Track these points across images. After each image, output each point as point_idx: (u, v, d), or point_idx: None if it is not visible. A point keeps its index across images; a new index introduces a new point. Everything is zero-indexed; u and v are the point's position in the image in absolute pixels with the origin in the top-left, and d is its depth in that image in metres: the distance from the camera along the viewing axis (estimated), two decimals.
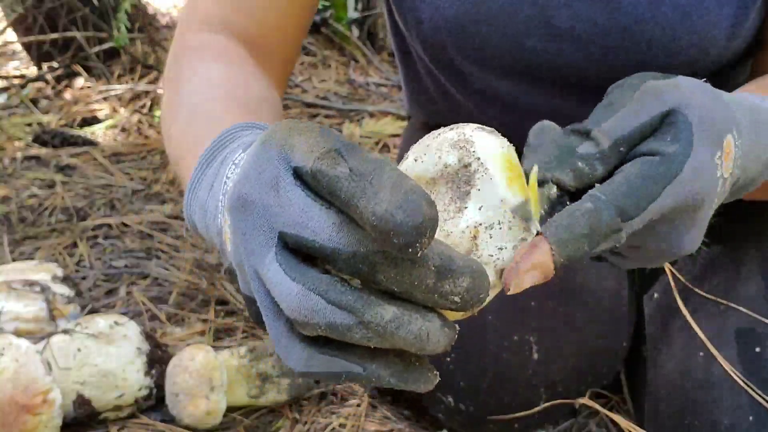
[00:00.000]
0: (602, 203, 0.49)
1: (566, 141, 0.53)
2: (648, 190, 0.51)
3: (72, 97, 2.12)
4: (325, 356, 0.44)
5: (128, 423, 1.07)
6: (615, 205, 0.50)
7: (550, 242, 0.48)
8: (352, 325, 0.41)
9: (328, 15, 2.40)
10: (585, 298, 1.02)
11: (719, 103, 0.56)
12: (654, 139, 0.53)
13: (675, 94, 0.54)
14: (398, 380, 0.44)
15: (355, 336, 0.42)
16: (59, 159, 1.79)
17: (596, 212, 0.49)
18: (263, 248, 0.44)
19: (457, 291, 0.42)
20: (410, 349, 0.42)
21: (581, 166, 0.52)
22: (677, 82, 0.55)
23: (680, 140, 0.52)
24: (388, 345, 0.42)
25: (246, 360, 1.07)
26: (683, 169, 0.51)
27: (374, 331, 0.41)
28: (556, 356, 1.00)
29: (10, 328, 1.09)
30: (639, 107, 0.53)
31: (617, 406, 1.10)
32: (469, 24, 0.88)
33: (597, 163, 0.52)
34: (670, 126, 0.53)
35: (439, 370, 0.45)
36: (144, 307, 1.28)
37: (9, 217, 1.55)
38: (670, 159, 0.51)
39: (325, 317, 0.42)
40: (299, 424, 1.08)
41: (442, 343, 0.43)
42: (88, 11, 2.18)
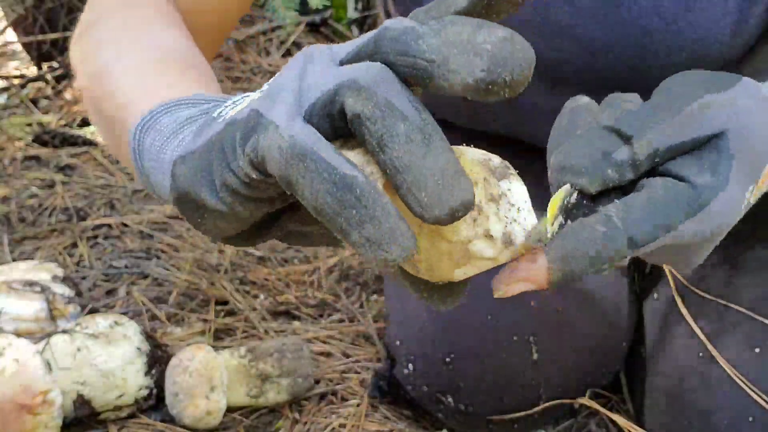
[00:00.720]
0: (616, 231, 0.46)
1: (604, 142, 0.49)
2: (668, 220, 0.47)
3: (72, 97, 2.12)
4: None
5: (128, 423, 1.07)
6: (628, 234, 0.47)
7: (550, 260, 0.46)
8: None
9: (328, 15, 2.40)
10: (585, 298, 1.02)
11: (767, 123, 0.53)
12: (691, 158, 0.49)
13: (729, 115, 0.50)
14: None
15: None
16: (59, 159, 1.79)
17: (607, 239, 0.46)
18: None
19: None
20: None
21: (611, 174, 0.49)
22: (734, 99, 0.51)
23: (717, 172, 0.49)
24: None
25: (246, 360, 1.07)
26: (710, 203, 0.48)
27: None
28: (556, 356, 1.00)
29: (10, 328, 1.09)
30: (689, 122, 0.49)
31: (617, 406, 1.10)
32: None
33: (628, 171, 0.49)
34: (712, 152, 0.49)
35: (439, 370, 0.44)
36: (144, 307, 1.28)
37: (9, 217, 1.55)
38: (700, 191, 0.48)
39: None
40: (299, 424, 1.08)
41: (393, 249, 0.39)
42: None
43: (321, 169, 0.38)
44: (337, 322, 1.29)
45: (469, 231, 0.43)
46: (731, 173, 0.49)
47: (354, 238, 0.38)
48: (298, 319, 1.29)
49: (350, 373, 1.17)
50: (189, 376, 1.02)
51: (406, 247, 0.38)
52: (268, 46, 2.34)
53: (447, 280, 0.46)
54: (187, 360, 1.04)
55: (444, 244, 0.44)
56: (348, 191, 0.38)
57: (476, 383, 0.99)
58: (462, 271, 0.45)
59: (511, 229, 0.44)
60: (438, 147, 0.39)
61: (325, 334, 1.24)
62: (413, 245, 0.38)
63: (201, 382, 1.02)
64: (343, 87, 0.39)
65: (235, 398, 1.07)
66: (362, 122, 0.39)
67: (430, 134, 0.39)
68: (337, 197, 0.38)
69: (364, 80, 0.39)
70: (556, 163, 0.50)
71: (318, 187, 0.38)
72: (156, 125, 0.54)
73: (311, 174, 0.38)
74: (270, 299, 1.31)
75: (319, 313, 1.30)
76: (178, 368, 1.04)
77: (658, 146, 0.49)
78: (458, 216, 0.39)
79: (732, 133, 0.50)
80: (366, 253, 0.38)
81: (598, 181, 0.49)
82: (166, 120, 0.53)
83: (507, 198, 0.45)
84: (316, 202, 0.38)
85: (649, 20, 0.84)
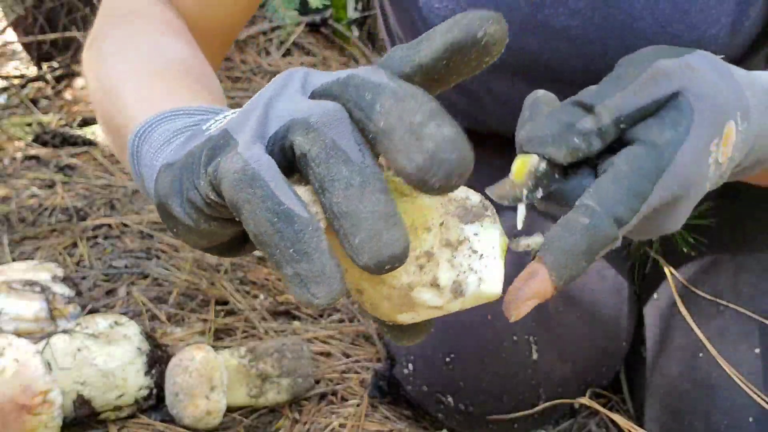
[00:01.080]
0: (599, 217, 0.48)
1: (567, 116, 0.51)
2: (640, 188, 0.49)
3: (72, 97, 2.12)
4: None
5: (128, 423, 1.07)
6: (611, 215, 0.48)
7: (549, 269, 0.46)
8: None
9: (328, 15, 2.40)
10: (585, 298, 1.02)
11: (729, 85, 0.54)
12: (654, 120, 0.51)
13: (684, 75, 0.52)
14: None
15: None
16: (59, 159, 1.78)
17: (594, 228, 0.47)
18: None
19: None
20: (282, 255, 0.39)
21: (577, 142, 0.50)
22: (689, 62, 0.53)
23: (677, 127, 0.50)
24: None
25: (246, 360, 1.07)
26: (674, 160, 0.50)
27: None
28: (556, 356, 1.00)
29: (10, 328, 1.09)
30: (646, 86, 0.51)
31: (617, 406, 1.10)
32: None
33: (595, 139, 0.50)
34: (672, 110, 0.51)
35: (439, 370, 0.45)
36: (144, 307, 1.28)
37: (9, 217, 1.55)
38: (661, 150, 0.50)
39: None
40: (299, 424, 1.08)
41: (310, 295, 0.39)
42: (88, 11, 2.18)
43: (266, 198, 0.39)
44: (337, 322, 1.29)
45: (412, 278, 0.43)
46: (692, 126, 0.51)
47: (286, 271, 0.39)
48: (298, 319, 1.29)
49: (350, 373, 1.17)
50: (189, 376, 1.02)
51: (333, 291, 0.38)
52: (268, 46, 2.34)
53: (393, 321, 0.45)
54: (187, 360, 1.04)
55: (384, 288, 0.43)
56: (288, 224, 0.39)
57: (476, 383, 0.99)
58: (408, 317, 0.44)
59: (464, 278, 0.43)
60: (375, 194, 0.39)
61: (325, 334, 1.24)
62: (340, 291, 0.39)
63: (201, 382, 1.02)
64: (296, 124, 0.40)
65: (235, 398, 1.07)
66: (308, 162, 0.39)
67: (369, 180, 0.39)
68: (277, 228, 0.38)
69: (315, 120, 0.40)
70: (523, 136, 0.51)
71: (260, 216, 0.39)
72: (153, 133, 0.55)
73: (256, 201, 0.39)
74: (270, 299, 1.31)
75: (319, 313, 1.30)
76: (178, 368, 1.04)
77: (620, 112, 0.50)
78: (387, 269, 0.39)
79: (689, 91, 0.51)
80: (294, 290, 0.39)
81: (565, 149, 0.50)
82: (161, 128, 0.55)
83: (469, 244, 0.44)
84: (257, 230, 0.39)
85: (644, 22, 0.84)
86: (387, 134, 0.39)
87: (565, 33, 0.86)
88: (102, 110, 0.70)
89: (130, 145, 0.57)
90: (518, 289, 0.47)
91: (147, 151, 0.54)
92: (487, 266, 0.44)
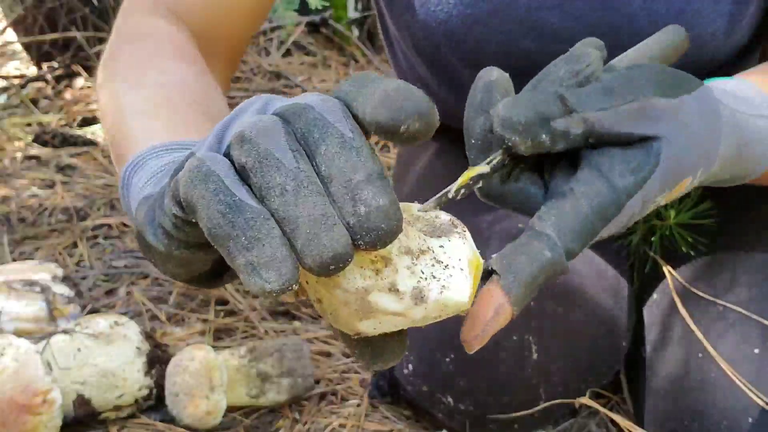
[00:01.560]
0: (558, 251, 0.49)
1: (546, 108, 0.50)
2: (595, 229, 0.50)
3: (72, 97, 2.12)
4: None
5: (128, 423, 1.07)
6: (567, 249, 0.49)
7: (512, 303, 0.48)
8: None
9: (328, 15, 2.40)
10: (584, 298, 1.02)
11: (708, 137, 0.55)
12: (619, 154, 0.51)
13: (669, 123, 0.52)
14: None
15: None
16: (59, 159, 1.79)
17: (553, 263, 0.49)
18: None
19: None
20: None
21: (544, 139, 0.50)
22: (677, 109, 0.53)
23: (639, 174, 0.51)
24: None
25: (246, 360, 1.07)
26: (623, 208, 0.51)
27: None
28: (555, 356, 1.00)
29: (10, 328, 1.09)
30: (630, 118, 0.51)
31: (617, 406, 1.10)
32: (462, 25, 0.88)
33: (560, 141, 0.50)
34: (640, 153, 0.51)
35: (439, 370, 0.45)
36: (144, 307, 1.28)
37: (9, 217, 1.55)
38: (619, 194, 0.50)
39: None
40: (299, 424, 1.08)
41: (264, 284, 0.39)
42: (88, 11, 2.18)
43: (218, 191, 0.39)
44: None
45: (367, 282, 0.42)
46: (651, 178, 0.51)
47: (239, 262, 0.39)
48: (298, 319, 1.29)
49: (350, 373, 1.17)
50: (189, 376, 1.03)
51: (285, 276, 0.38)
52: (268, 46, 2.34)
53: (357, 332, 0.44)
54: (187, 360, 1.04)
55: (339, 293, 0.43)
56: (239, 214, 0.39)
57: (476, 383, 0.99)
58: (370, 325, 0.44)
59: (425, 285, 0.43)
60: (310, 197, 0.39)
61: (325, 334, 1.24)
62: (293, 277, 0.39)
63: (201, 382, 1.02)
64: (234, 138, 0.41)
65: (235, 398, 1.07)
66: (247, 173, 0.40)
67: (303, 183, 0.39)
68: (229, 218, 0.39)
69: (249, 132, 0.40)
70: (501, 114, 0.50)
71: (213, 209, 0.39)
72: (144, 166, 0.57)
73: (209, 195, 0.39)
74: (270, 299, 1.32)
75: (316, 316, 1.31)
76: (178, 368, 1.04)
77: (593, 129, 0.51)
78: (332, 269, 0.39)
79: (664, 142, 0.52)
80: (247, 280, 0.39)
81: (530, 142, 0.50)
82: (152, 163, 0.56)
83: (433, 254, 0.44)
84: (210, 222, 0.39)
85: (640, 23, 0.84)
86: (323, 179, 0.40)
87: (560, 34, 0.86)
88: (110, 134, 0.72)
89: (122, 176, 0.58)
90: (485, 325, 0.48)
91: (135, 184, 0.56)
92: (452, 276, 0.43)
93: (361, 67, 2.35)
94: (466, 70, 0.93)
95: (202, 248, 0.45)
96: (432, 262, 0.43)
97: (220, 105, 0.75)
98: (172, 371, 1.04)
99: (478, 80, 0.54)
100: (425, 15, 0.89)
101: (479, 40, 0.88)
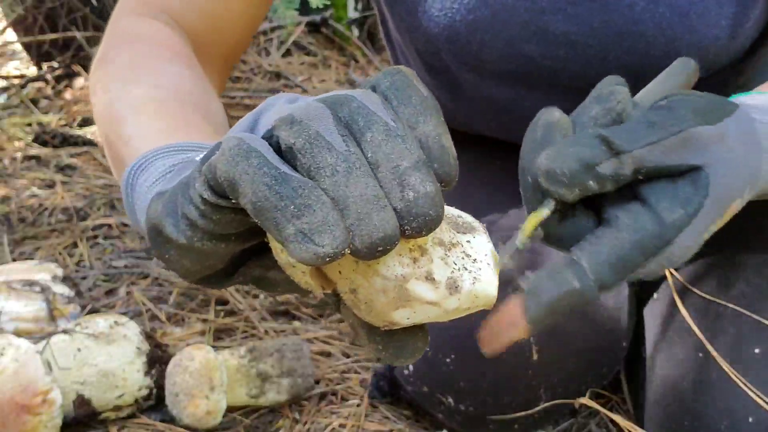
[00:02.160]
0: (587, 282, 0.49)
1: (589, 153, 0.50)
2: (635, 261, 0.50)
3: (72, 97, 2.12)
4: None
5: (128, 423, 1.07)
6: (599, 281, 0.49)
7: (528, 321, 0.48)
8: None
9: (328, 15, 2.40)
10: None
11: (753, 158, 0.55)
12: (669, 188, 0.51)
13: (714, 151, 0.52)
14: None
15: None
16: (59, 159, 1.79)
17: (580, 293, 0.49)
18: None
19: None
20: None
21: (592, 185, 0.50)
22: (724, 134, 0.53)
23: (688, 207, 0.51)
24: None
25: (246, 360, 1.07)
26: (674, 242, 0.51)
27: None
28: (556, 356, 1.00)
29: (10, 328, 1.09)
30: (676, 148, 0.51)
31: (617, 406, 1.10)
32: (465, 30, 0.88)
33: (609, 184, 0.51)
34: (689, 184, 0.52)
35: (439, 370, 0.45)
36: (144, 307, 1.28)
37: (9, 217, 1.55)
38: (666, 229, 0.50)
39: None
40: (299, 424, 1.08)
41: (304, 253, 0.38)
42: (88, 11, 2.18)
43: (262, 164, 0.39)
44: (337, 322, 1.29)
45: (406, 270, 0.43)
46: (702, 209, 0.51)
47: (288, 231, 0.38)
48: (298, 319, 1.29)
49: (350, 373, 1.17)
50: (189, 376, 1.03)
51: (338, 238, 0.38)
52: (268, 46, 2.34)
53: (390, 322, 0.45)
54: (187, 360, 1.04)
55: (378, 281, 0.43)
56: (286, 184, 0.39)
57: (476, 383, 0.99)
58: (404, 314, 0.44)
59: (458, 275, 0.44)
60: (361, 179, 0.39)
61: (325, 334, 1.24)
62: (345, 241, 0.38)
63: (201, 382, 1.02)
64: (280, 121, 0.41)
65: (235, 398, 1.07)
66: (294, 154, 0.40)
67: (355, 165, 0.39)
68: (275, 190, 0.38)
69: (299, 115, 0.40)
70: (544, 167, 0.51)
71: (258, 182, 0.39)
72: (149, 168, 0.56)
73: (253, 170, 0.39)
74: (270, 299, 1.31)
75: (319, 313, 1.30)
76: (178, 368, 1.04)
77: (643, 164, 0.51)
78: (379, 251, 0.39)
79: (711, 169, 0.52)
80: (297, 249, 0.38)
81: (578, 191, 0.51)
82: (157, 164, 0.56)
83: (462, 248, 0.44)
84: (256, 196, 0.39)
85: (644, 26, 0.84)
86: (370, 165, 0.40)
87: (564, 38, 0.86)
88: (106, 135, 0.71)
89: (125, 177, 0.58)
90: (498, 334, 0.48)
91: (142, 184, 0.56)
92: (481, 269, 0.44)
93: (361, 67, 2.35)
94: (467, 75, 0.93)
95: (224, 239, 0.45)
96: (462, 255, 0.44)
97: (217, 107, 0.75)
98: (172, 371, 1.04)
99: (539, 117, 0.55)
100: (427, 20, 0.88)
101: (482, 45, 0.88)
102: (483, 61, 0.90)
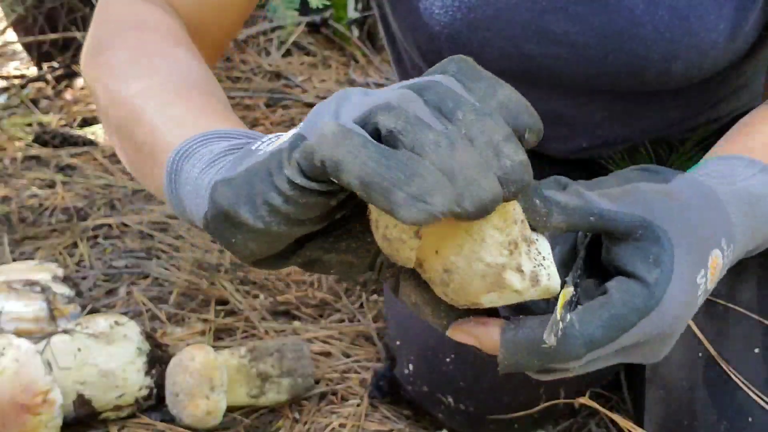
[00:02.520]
0: (573, 340, 0.50)
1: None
2: (624, 321, 0.50)
3: (72, 97, 2.12)
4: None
5: (128, 423, 1.07)
6: (586, 339, 0.50)
7: (501, 354, 0.51)
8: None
9: (328, 15, 2.40)
10: None
11: (714, 210, 0.55)
12: (634, 251, 0.52)
13: (662, 203, 0.53)
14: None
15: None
16: (59, 159, 1.79)
17: (563, 349, 0.50)
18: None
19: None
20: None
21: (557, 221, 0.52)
22: (670, 190, 0.54)
23: (662, 264, 0.51)
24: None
25: (246, 360, 1.07)
26: (663, 299, 0.50)
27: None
28: None
29: (10, 328, 1.09)
30: (625, 198, 0.53)
31: (617, 405, 1.10)
32: (466, 29, 0.88)
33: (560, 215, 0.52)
34: (651, 244, 0.51)
35: (439, 370, 0.45)
36: (144, 307, 1.28)
37: (9, 217, 1.55)
38: (651, 289, 0.50)
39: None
40: (299, 424, 1.08)
41: (412, 214, 0.41)
42: (88, 11, 2.18)
43: (366, 143, 0.42)
44: (337, 322, 1.29)
45: (505, 259, 0.47)
46: (675, 262, 0.51)
47: (396, 198, 0.41)
48: (298, 319, 1.29)
49: (350, 373, 1.17)
50: (189, 376, 1.03)
51: (449, 197, 0.41)
52: (268, 46, 2.34)
53: (473, 303, 0.49)
54: (187, 360, 1.04)
55: (480, 266, 0.47)
56: (392, 157, 0.41)
57: (476, 383, 0.99)
58: (491, 298, 0.48)
59: (538, 270, 0.48)
60: (466, 150, 0.42)
61: (325, 334, 1.24)
62: (454, 201, 0.41)
63: (201, 382, 1.02)
64: (377, 108, 0.43)
65: (235, 398, 1.07)
66: (395, 136, 0.42)
67: (456, 140, 0.42)
68: (383, 163, 0.41)
69: (395, 101, 0.43)
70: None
71: (363, 158, 0.41)
72: (195, 154, 0.57)
73: (357, 148, 0.41)
74: (270, 299, 1.32)
75: (319, 313, 1.31)
76: (178, 368, 1.04)
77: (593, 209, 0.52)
78: (488, 209, 0.41)
79: (668, 223, 0.52)
80: (407, 212, 0.41)
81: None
82: (203, 150, 0.57)
83: (536, 245, 0.49)
84: (362, 172, 0.41)
85: (644, 28, 0.84)
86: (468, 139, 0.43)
87: (565, 38, 0.86)
88: (119, 125, 0.70)
89: (170, 163, 0.58)
90: (469, 332, 0.52)
91: (190, 171, 0.56)
92: (550, 266, 0.49)
93: (361, 67, 2.35)
94: None
95: (300, 223, 0.47)
96: (537, 251, 0.48)
97: (222, 93, 0.74)
98: (172, 371, 1.04)
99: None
100: (428, 19, 0.88)
101: (482, 44, 0.88)
102: (484, 59, 0.89)
